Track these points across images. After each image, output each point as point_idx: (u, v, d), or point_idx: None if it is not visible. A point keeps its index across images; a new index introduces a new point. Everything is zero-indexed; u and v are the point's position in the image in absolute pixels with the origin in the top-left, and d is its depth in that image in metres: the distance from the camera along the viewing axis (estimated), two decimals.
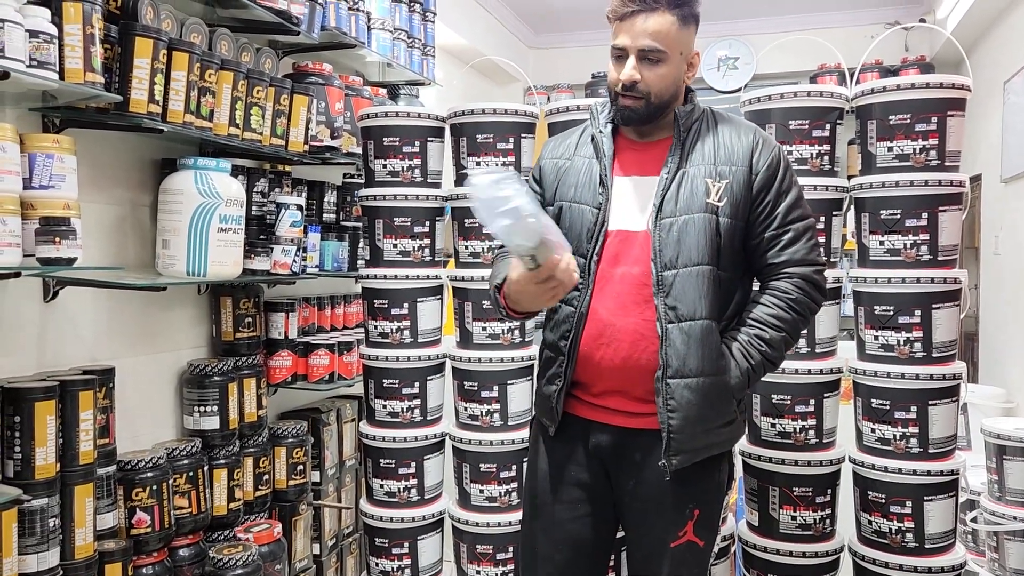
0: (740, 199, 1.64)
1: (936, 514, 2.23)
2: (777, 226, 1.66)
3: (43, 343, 2.06)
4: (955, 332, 2.27)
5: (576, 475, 1.73)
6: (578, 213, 1.70)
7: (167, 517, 2.22)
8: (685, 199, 1.62)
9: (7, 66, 1.60)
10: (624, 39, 1.62)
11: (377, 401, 2.63)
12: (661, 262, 1.60)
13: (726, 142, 1.67)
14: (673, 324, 1.60)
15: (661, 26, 1.60)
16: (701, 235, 1.60)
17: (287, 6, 2.47)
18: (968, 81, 2.26)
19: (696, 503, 1.67)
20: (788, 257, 1.66)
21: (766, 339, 1.65)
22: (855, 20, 5.60)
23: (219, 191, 2.18)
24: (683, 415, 1.59)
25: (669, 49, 1.61)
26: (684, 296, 1.59)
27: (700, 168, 1.64)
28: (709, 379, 1.60)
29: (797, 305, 1.66)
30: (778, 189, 1.66)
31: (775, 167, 1.67)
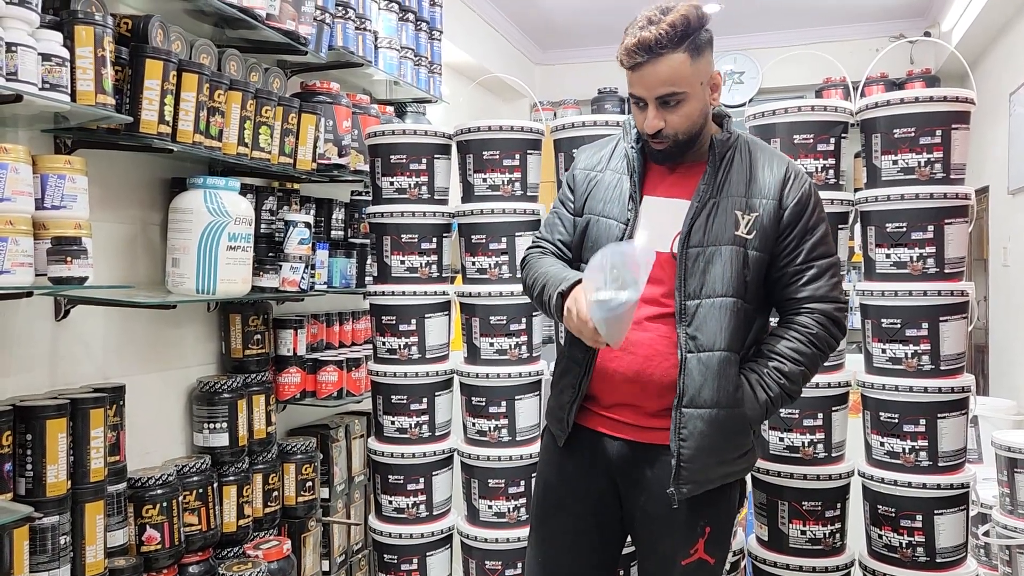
0: (769, 232, 1.63)
1: (947, 528, 2.22)
2: (802, 261, 1.65)
3: (55, 361, 2.08)
4: (963, 345, 2.27)
5: (585, 486, 1.72)
6: (605, 227, 1.69)
7: (177, 534, 2.23)
8: (715, 230, 1.61)
9: (21, 89, 1.62)
10: (639, 89, 1.60)
11: (385, 417, 2.63)
12: (685, 291, 1.60)
13: (758, 174, 1.65)
14: (692, 354, 1.59)
15: (673, 69, 1.55)
16: (728, 267, 1.60)
17: (295, 27, 2.50)
18: (972, 94, 2.27)
19: (707, 521, 1.66)
20: (810, 293, 1.65)
21: (785, 372, 1.64)
22: (860, 33, 5.62)
23: (228, 210, 2.20)
24: (695, 445, 1.58)
25: (688, 88, 1.58)
26: (705, 327, 1.59)
27: (731, 200, 1.63)
28: (724, 411, 1.59)
29: (817, 340, 1.65)
30: (805, 225, 1.65)
31: (804, 202, 1.66)
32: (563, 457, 1.76)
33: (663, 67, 1.55)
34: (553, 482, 1.77)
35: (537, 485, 1.85)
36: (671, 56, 1.55)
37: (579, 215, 1.75)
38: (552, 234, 1.80)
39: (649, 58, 1.55)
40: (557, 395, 1.76)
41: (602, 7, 5.28)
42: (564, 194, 1.82)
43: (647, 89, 1.58)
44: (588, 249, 1.69)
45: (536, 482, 1.86)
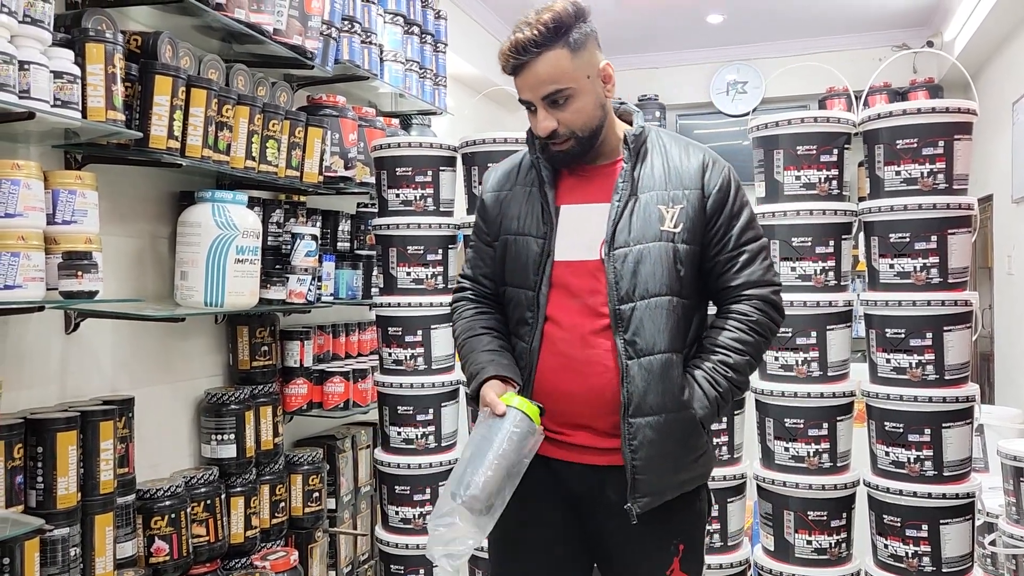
0: (696, 223, 1.57)
1: (953, 537, 2.22)
2: (732, 248, 1.59)
3: (65, 374, 2.10)
4: (967, 354, 2.27)
5: (545, 516, 1.61)
6: (523, 244, 1.60)
7: (185, 545, 2.24)
8: (639, 228, 1.54)
9: (33, 107, 1.65)
10: (525, 93, 1.54)
11: (392, 428, 2.65)
12: (617, 296, 1.52)
13: (676, 164, 1.59)
14: (633, 360, 1.51)
15: (553, 65, 1.50)
16: (658, 265, 1.53)
17: (302, 41, 2.53)
18: (974, 105, 2.28)
19: (680, 537, 1.60)
20: (745, 279, 1.59)
21: (731, 364, 1.57)
22: (863, 43, 5.64)
23: (236, 223, 2.22)
24: (646, 454, 1.51)
25: (573, 83, 1.51)
26: (642, 330, 1.52)
27: (652, 194, 1.56)
28: (672, 415, 1.53)
29: (759, 327, 1.59)
30: (731, 211, 1.59)
31: (726, 188, 1.60)
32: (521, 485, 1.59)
33: (542, 65, 1.50)
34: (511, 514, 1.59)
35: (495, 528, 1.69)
36: (548, 53, 1.50)
37: (495, 240, 1.66)
38: (475, 270, 1.72)
39: (527, 59, 1.50)
40: None
41: (607, 19, 5.31)
42: (478, 225, 1.72)
43: (531, 90, 1.52)
44: (509, 271, 1.62)
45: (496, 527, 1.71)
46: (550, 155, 1.59)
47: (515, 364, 1.59)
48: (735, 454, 2.45)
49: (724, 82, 6.05)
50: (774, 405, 2.39)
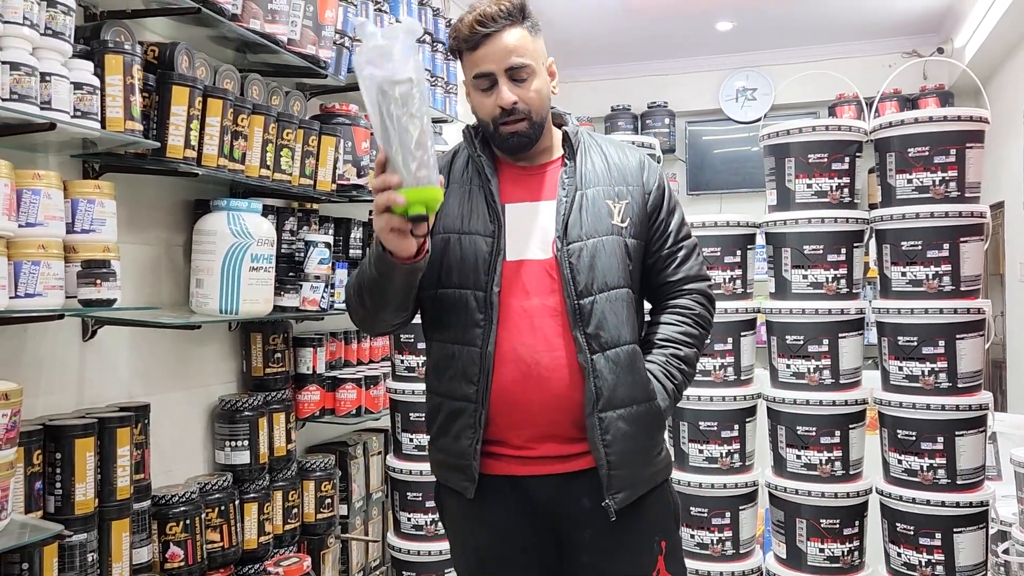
0: (640, 219, 1.58)
1: (967, 546, 2.22)
2: (671, 244, 1.62)
3: (82, 381, 2.12)
4: (980, 362, 2.28)
5: (520, 539, 1.54)
6: (469, 244, 1.52)
7: (200, 551, 2.26)
8: (590, 222, 1.53)
9: (54, 117, 1.67)
10: (488, 64, 1.49)
11: (404, 434, 2.66)
12: (576, 290, 1.49)
13: (616, 162, 1.60)
14: (598, 354, 1.49)
15: (518, 40, 1.50)
16: (613, 258, 1.53)
17: (315, 51, 2.55)
18: (986, 113, 2.29)
19: (661, 535, 1.57)
20: (685, 274, 1.62)
21: (682, 357, 1.58)
22: (873, 50, 5.64)
23: (251, 231, 2.24)
24: (620, 448, 1.48)
25: (534, 62, 1.51)
26: (605, 323, 1.50)
27: (598, 189, 1.56)
28: (642, 407, 1.52)
29: (702, 320, 1.62)
30: (668, 207, 1.62)
31: (663, 185, 1.63)
32: (481, 511, 1.54)
33: (509, 37, 1.49)
34: (485, 542, 1.56)
35: (459, 556, 1.63)
36: (514, 29, 1.50)
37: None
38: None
39: (494, 29, 1.48)
40: (451, 443, 1.53)
41: (615, 27, 5.33)
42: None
43: (496, 61, 1.48)
44: (453, 272, 1.53)
45: (461, 552, 1.63)
46: (501, 139, 1.54)
47: None
48: (747, 462, 2.46)
49: (733, 89, 6.06)
50: (786, 413, 2.40)
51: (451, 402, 1.53)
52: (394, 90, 1.27)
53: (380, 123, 1.30)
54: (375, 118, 1.30)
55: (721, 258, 2.51)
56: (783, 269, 2.42)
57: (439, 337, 1.55)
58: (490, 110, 1.52)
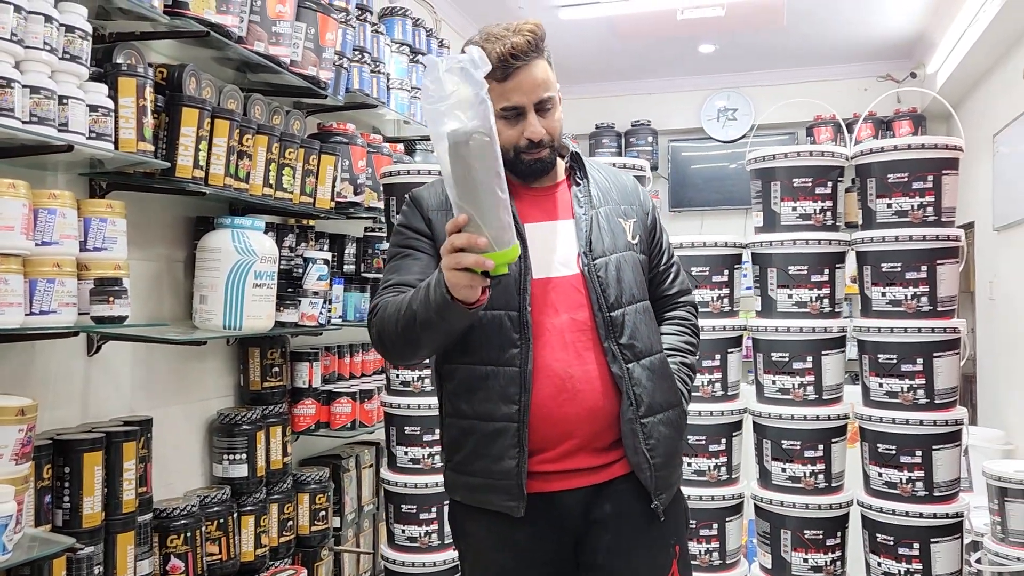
0: (645, 236, 1.67)
1: (943, 556, 2.31)
2: (666, 260, 1.71)
3: (86, 396, 2.15)
4: (956, 379, 2.38)
5: (542, 555, 1.54)
6: None
7: (200, 563, 2.29)
8: (610, 239, 1.58)
9: (71, 139, 1.72)
10: (517, 97, 1.51)
11: (399, 448, 2.71)
12: (607, 303, 1.54)
13: (616, 182, 1.68)
14: (633, 363, 1.53)
15: (545, 73, 1.54)
16: (635, 272, 1.60)
17: (316, 72, 2.61)
18: (961, 142, 2.40)
19: (675, 538, 1.61)
20: (679, 288, 1.73)
21: (689, 364, 1.68)
22: (849, 73, 5.80)
23: (255, 248, 2.29)
24: (663, 450, 1.54)
25: (555, 92, 1.57)
26: (639, 333, 1.55)
27: (609, 208, 1.62)
28: (676, 411, 1.59)
29: (696, 329, 1.73)
30: (660, 226, 1.72)
31: (654, 205, 1.73)
32: (514, 531, 1.52)
33: (538, 71, 1.52)
34: (508, 564, 1.55)
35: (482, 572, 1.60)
36: (539, 61, 1.53)
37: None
38: (410, 274, 1.54)
39: (525, 62, 1.50)
40: (491, 464, 1.50)
41: (603, 48, 5.44)
42: (410, 238, 1.60)
43: (527, 94, 1.51)
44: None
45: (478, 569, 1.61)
46: (524, 166, 1.56)
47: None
48: (733, 474, 2.53)
49: (715, 109, 6.19)
50: (772, 427, 2.48)
51: (488, 424, 1.50)
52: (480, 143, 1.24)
53: (461, 179, 1.26)
54: (455, 173, 1.27)
55: (709, 277, 2.60)
56: (769, 288, 2.51)
57: (467, 360, 1.53)
58: (514, 139, 1.54)
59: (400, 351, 1.54)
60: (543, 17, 5.23)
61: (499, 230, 1.27)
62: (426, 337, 1.45)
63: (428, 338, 1.45)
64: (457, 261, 1.29)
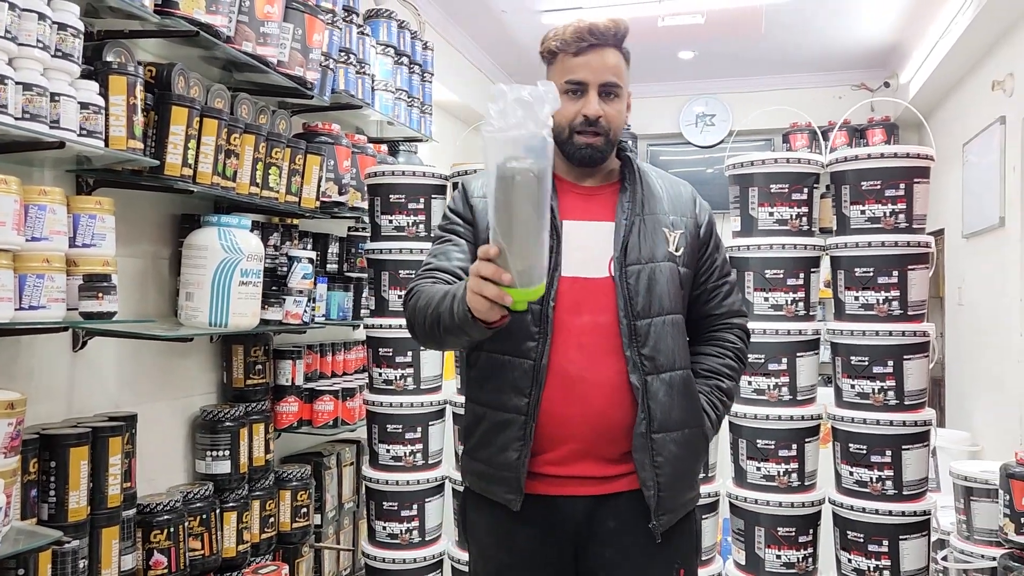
0: (692, 249, 1.62)
1: (911, 552, 2.38)
2: (717, 277, 1.67)
3: (71, 391, 2.16)
4: (925, 381, 2.45)
5: (542, 559, 1.54)
6: None
7: (182, 559, 2.31)
8: (648, 247, 1.56)
9: (63, 136, 1.73)
10: (583, 73, 1.53)
11: (381, 445, 2.74)
12: (633, 311, 1.51)
13: (671, 192, 1.65)
14: (652, 375, 1.50)
15: (619, 62, 1.56)
16: (670, 284, 1.56)
17: (303, 73, 2.63)
18: (932, 151, 2.48)
19: (680, 562, 1.57)
20: (728, 308, 1.68)
21: (724, 389, 1.64)
22: (824, 81, 5.92)
23: (241, 247, 2.31)
24: (671, 470, 1.50)
25: (623, 85, 1.57)
26: (662, 346, 1.52)
27: (655, 217, 1.59)
28: (692, 431, 1.55)
29: (742, 355, 1.68)
30: (715, 243, 1.68)
31: (711, 221, 1.68)
32: (513, 528, 1.53)
33: (610, 56, 1.55)
34: (505, 562, 1.55)
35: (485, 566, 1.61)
36: (615, 50, 1.56)
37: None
38: (449, 261, 1.57)
39: (600, 44, 1.54)
40: (495, 454, 1.51)
41: None
42: (454, 222, 1.62)
43: (594, 73, 1.53)
44: None
45: (481, 563, 1.62)
46: (574, 147, 1.55)
47: None
48: (709, 473, 2.59)
49: (693, 114, 6.28)
50: (747, 427, 2.55)
51: (497, 413, 1.52)
52: (522, 183, 1.24)
53: (502, 210, 1.27)
54: (497, 202, 1.27)
55: None
56: (747, 292, 2.58)
57: (490, 348, 1.53)
58: (571, 116, 1.54)
59: (426, 343, 1.60)
60: (526, 20, 5.29)
61: (527, 269, 1.28)
62: (449, 340, 1.48)
63: (451, 342, 1.51)
64: (480, 289, 1.30)
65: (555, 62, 1.57)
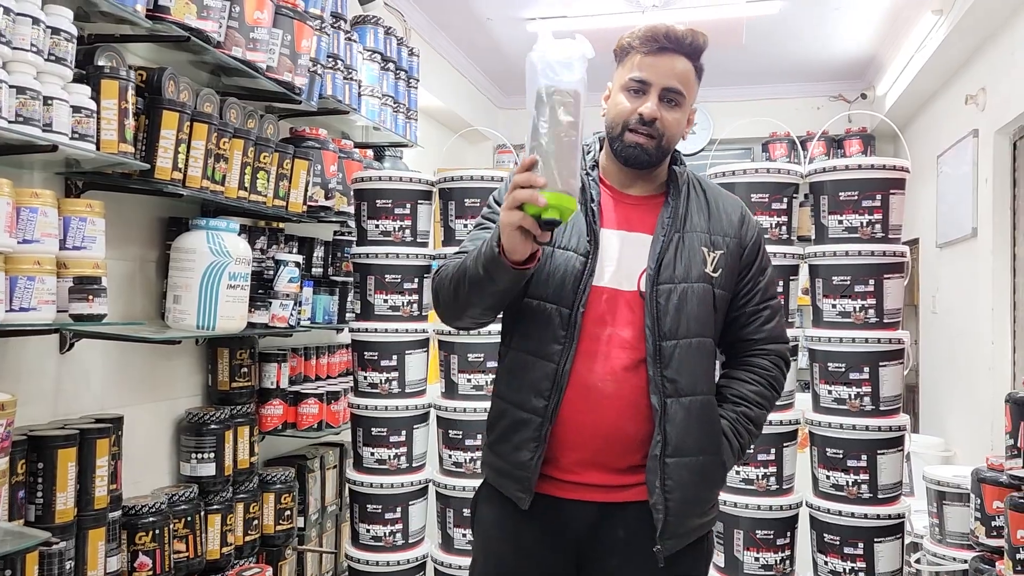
0: (731, 271, 1.58)
1: (885, 555, 2.44)
2: (758, 302, 1.62)
3: (57, 393, 2.16)
4: (900, 387, 2.52)
5: (544, 561, 1.54)
6: (562, 259, 1.52)
7: (167, 561, 2.31)
8: (684, 266, 1.53)
9: (55, 140, 1.75)
10: (649, 73, 1.53)
11: (365, 448, 2.76)
12: (660, 331, 1.49)
13: (717, 211, 1.61)
14: (672, 399, 1.49)
15: (687, 72, 1.55)
16: (702, 306, 1.53)
17: (291, 78, 2.65)
18: (907, 164, 2.54)
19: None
20: (767, 334, 1.63)
21: (751, 417, 1.60)
22: (803, 92, 6.02)
23: (229, 250, 2.33)
24: (681, 496, 1.48)
25: (687, 96, 1.56)
26: (685, 369, 1.50)
27: (695, 235, 1.56)
28: (708, 458, 1.52)
29: (776, 383, 1.64)
30: (760, 265, 1.63)
31: (759, 243, 1.64)
32: (519, 526, 1.54)
33: (680, 63, 1.54)
34: (508, 558, 1.56)
35: (485, 560, 1.62)
36: (687, 61, 1.55)
37: None
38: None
39: (672, 48, 1.53)
40: (511, 452, 1.52)
41: None
42: (493, 211, 1.62)
43: (659, 76, 1.52)
44: (541, 283, 1.52)
45: (483, 556, 1.63)
46: (623, 145, 1.54)
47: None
48: None
49: None
50: None
51: (517, 412, 1.52)
52: (566, 99, 1.31)
53: (540, 127, 1.32)
54: (536, 121, 1.32)
55: None
56: None
57: (517, 345, 1.55)
58: (628, 113, 1.54)
59: (451, 309, 1.55)
60: (512, 28, 5.33)
61: (562, 175, 1.30)
62: (474, 295, 1.46)
63: (476, 296, 1.46)
64: (514, 197, 1.30)
65: (625, 59, 1.57)
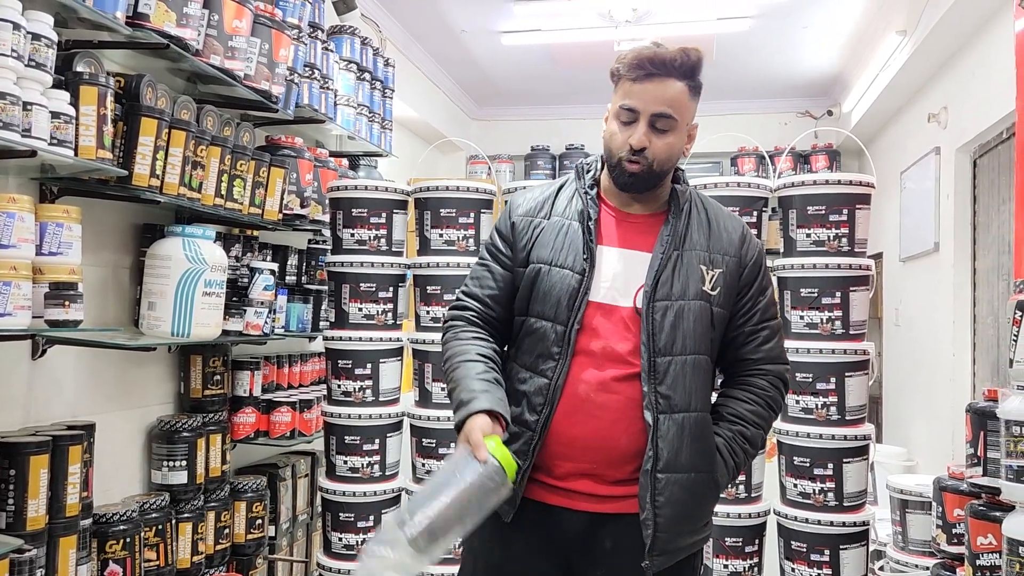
0: (730, 290, 1.59)
1: (850, 562, 2.50)
2: (757, 321, 1.62)
3: (29, 399, 2.14)
4: (865, 397, 2.58)
5: (536, 568, 1.56)
6: (559, 277, 1.55)
7: (138, 569, 2.30)
8: (681, 283, 1.54)
9: (35, 145, 1.74)
10: (636, 101, 1.53)
11: (338, 457, 2.76)
12: (655, 347, 1.51)
13: (717, 229, 1.61)
14: (665, 414, 1.50)
15: (676, 94, 1.53)
16: (698, 324, 1.53)
17: (269, 86, 2.66)
18: (873, 179, 2.62)
19: None
20: (766, 354, 1.63)
21: (748, 436, 1.60)
22: (770, 108, 6.14)
23: (205, 257, 2.33)
24: (671, 512, 1.49)
25: (680, 119, 1.55)
26: (678, 386, 1.51)
27: (694, 253, 1.57)
28: (701, 476, 1.52)
29: (773, 403, 1.63)
30: (760, 285, 1.63)
31: (759, 262, 1.64)
32: (508, 534, 1.56)
33: (669, 88, 1.53)
34: (497, 562, 1.58)
35: (474, 565, 1.64)
36: (677, 82, 1.53)
37: (522, 266, 1.61)
38: (481, 288, 1.64)
39: (659, 74, 1.52)
40: None
41: (539, 73, 5.61)
42: (495, 246, 1.66)
43: (646, 103, 1.52)
44: (537, 301, 1.56)
45: (472, 562, 1.65)
46: (619, 172, 1.56)
47: (507, 401, 1.52)
48: None
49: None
50: None
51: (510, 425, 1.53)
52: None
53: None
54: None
55: None
56: None
57: (517, 360, 1.59)
58: (620, 144, 1.55)
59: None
60: (486, 41, 5.38)
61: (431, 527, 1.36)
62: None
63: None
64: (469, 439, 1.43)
65: (617, 86, 1.58)
